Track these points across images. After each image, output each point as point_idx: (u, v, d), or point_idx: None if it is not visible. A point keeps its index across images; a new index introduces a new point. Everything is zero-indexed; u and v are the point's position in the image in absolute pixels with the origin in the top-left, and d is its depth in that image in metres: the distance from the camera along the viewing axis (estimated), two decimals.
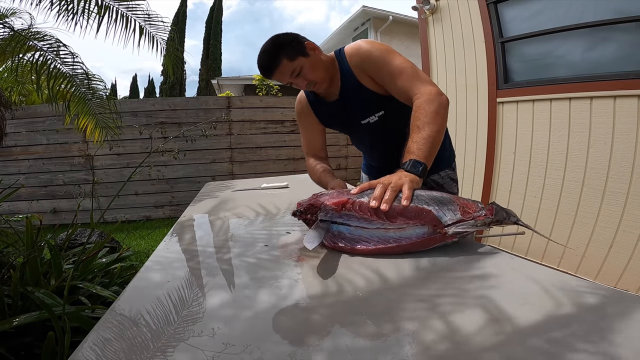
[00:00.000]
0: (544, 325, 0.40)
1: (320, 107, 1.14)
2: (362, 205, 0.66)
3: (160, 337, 0.40)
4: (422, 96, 0.86)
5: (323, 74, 0.99)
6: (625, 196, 1.79)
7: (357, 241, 0.64)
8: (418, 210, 0.64)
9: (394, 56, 0.94)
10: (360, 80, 0.99)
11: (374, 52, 0.94)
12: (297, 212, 0.72)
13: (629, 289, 1.77)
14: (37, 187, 4.09)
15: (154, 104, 4.28)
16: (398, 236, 0.63)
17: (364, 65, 0.96)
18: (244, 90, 10.02)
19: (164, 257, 0.68)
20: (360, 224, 0.65)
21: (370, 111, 1.04)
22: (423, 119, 0.82)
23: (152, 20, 2.20)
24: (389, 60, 0.93)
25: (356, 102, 1.04)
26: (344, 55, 1.01)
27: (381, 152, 1.18)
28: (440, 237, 0.62)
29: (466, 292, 0.49)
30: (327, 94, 1.08)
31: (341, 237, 0.66)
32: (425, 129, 0.81)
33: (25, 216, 1.54)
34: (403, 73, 0.91)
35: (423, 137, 0.80)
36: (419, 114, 0.83)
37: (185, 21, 19.15)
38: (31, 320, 0.95)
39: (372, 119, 1.05)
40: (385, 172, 1.10)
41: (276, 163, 4.66)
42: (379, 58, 0.94)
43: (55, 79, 2.01)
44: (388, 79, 0.94)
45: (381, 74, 0.95)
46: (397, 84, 0.92)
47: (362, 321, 0.42)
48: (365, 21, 9.66)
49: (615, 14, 1.83)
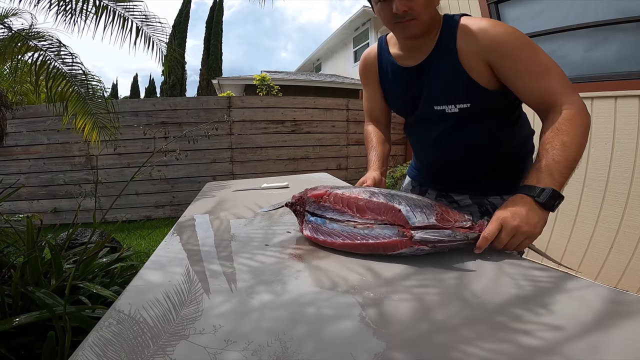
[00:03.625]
0: (543, 324, 0.40)
1: (388, 70, 0.93)
2: (336, 197, 0.69)
3: (161, 336, 0.40)
4: (574, 107, 0.69)
5: (427, 18, 0.78)
6: (625, 196, 1.79)
7: (329, 234, 0.65)
8: (388, 207, 0.63)
9: (537, 50, 0.75)
10: (463, 60, 0.78)
11: (511, 39, 0.74)
12: (289, 203, 0.76)
13: (630, 289, 1.77)
14: (38, 187, 4.10)
15: (154, 104, 4.28)
16: (366, 233, 0.62)
17: (488, 50, 0.75)
18: (245, 90, 10.03)
19: (165, 257, 0.68)
20: (334, 215, 0.67)
21: (453, 98, 0.82)
22: (573, 136, 0.66)
23: (149, 21, 2.20)
24: (531, 54, 0.74)
25: (440, 79, 0.82)
26: (456, 25, 0.80)
27: (438, 156, 0.94)
28: (406, 242, 0.58)
29: (456, 286, 0.49)
30: (405, 53, 0.88)
31: (318, 230, 0.67)
32: (573, 149, 0.65)
33: (26, 216, 1.54)
34: (549, 73, 0.73)
35: (568, 158, 0.65)
36: (570, 128, 0.67)
37: (187, 22, 19.19)
38: (32, 320, 0.95)
39: (449, 108, 0.83)
40: (432, 182, 1.04)
41: (277, 163, 4.66)
42: (517, 48, 0.74)
43: (54, 79, 2.01)
44: (524, 75, 0.74)
45: (513, 68, 0.75)
46: (539, 84, 0.73)
47: (362, 320, 0.42)
48: (365, 21, 9.67)
49: (616, 14, 1.83)
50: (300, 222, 0.74)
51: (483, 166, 0.89)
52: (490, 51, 0.75)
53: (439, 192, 1.01)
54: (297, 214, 0.75)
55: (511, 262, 0.59)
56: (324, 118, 4.79)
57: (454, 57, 0.79)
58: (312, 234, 0.68)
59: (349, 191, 0.70)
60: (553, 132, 0.68)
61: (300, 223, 0.73)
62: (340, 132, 4.89)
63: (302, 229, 0.71)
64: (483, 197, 0.92)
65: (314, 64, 15.16)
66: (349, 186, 0.78)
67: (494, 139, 0.86)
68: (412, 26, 0.77)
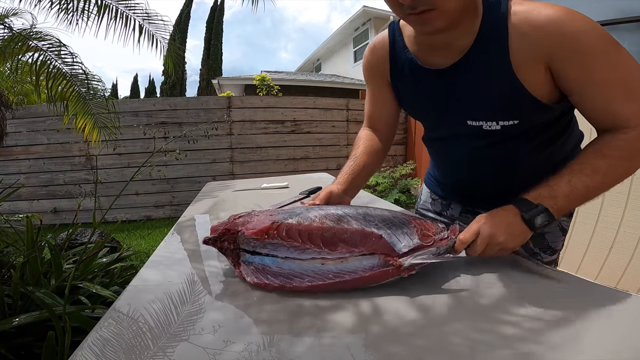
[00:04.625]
0: (542, 324, 0.40)
1: (404, 69, 0.71)
2: (290, 230, 0.51)
3: (161, 336, 0.40)
4: (629, 135, 0.54)
5: (453, 5, 0.54)
6: (625, 196, 1.79)
7: (286, 277, 0.50)
8: (364, 234, 0.51)
9: (620, 51, 0.55)
10: (516, 65, 0.57)
11: (585, 34, 0.53)
12: (208, 239, 0.56)
13: (630, 289, 1.76)
14: (38, 187, 4.10)
15: (154, 104, 4.28)
16: (339, 269, 0.49)
17: (553, 47, 0.54)
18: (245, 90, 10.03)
19: (165, 257, 0.68)
20: (291, 254, 0.51)
21: (496, 113, 0.63)
22: (612, 165, 0.55)
23: (151, 19, 2.21)
24: (610, 58, 0.54)
25: (479, 88, 0.62)
26: (505, 13, 0.57)
27: (466, 174, 0.76)
28: (394, 271, 0.49)
29: (454, 288, 0.49)
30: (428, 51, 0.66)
31: (267, 271, 0.51)
32: (601, 180, 0.55)
33: (26, 216, 1.54)
34: (632, 92, 0.54)
35: (588, 187, 0.54)
36: (616, 153, 0.54)
37: (188, 21, 19.19)
38: (31, 320, 0.95)
39: (489, 125, 0.64)
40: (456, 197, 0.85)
41: (276, 163, 4.66)
42: (595, 48, 0.53)
43: (55, 79, 2.01)
44: (594, 86, 0.55)
45: (583, 79, 0.55)
46: (611, 105, 0.55)
47: (362, 319, 0.42)
48: (366, 21, 9.67)
49: (616, 14, 1.83)
50: (234, 264, 0.55)
51: (519, 184, 0.66)
52: (559, 52, 0.54)
53: (464, 207, 0.85)
54: (227, 253, 0.55)
55: (510, 262, 0.59)
56: (324, 118, 4.79)
57: (504, 60, 0.58)
58: (259, 279, 0.50)
59: (305, 218, 0.53)
60: (594, 152, 0.56)
61: (235, 265, 0.54)
62: (340, 132, 4.89)
63: (240, 273, 0.53)
64: None
65: (314, 64, 15.16)
66: (302, 207, 0.61)
67: (538, 155, 0.69)
68: (430, 20, 0.55)
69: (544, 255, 0.77)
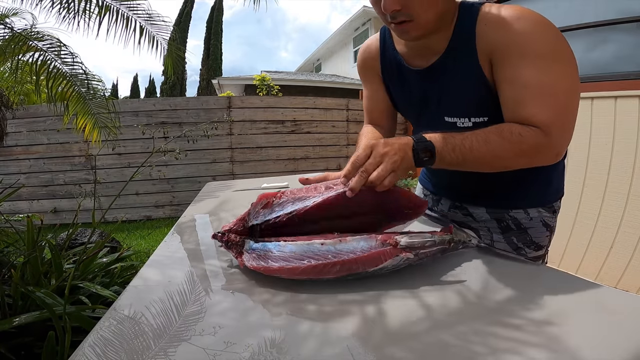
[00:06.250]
0: (542, 324, 0.40)
1: (393, 68, 0.78)
2: (292, 191, 0.59)
3: (161, 336, 0.40)
4: (537, 134, 0.57)
5: (432, 17, 0.60)
6: (626, 196, 1.79)
7: (286, 259, 0.52)
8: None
9: (560, 63, 0.56)
10: (482, 64, 0.62)
11: (528, 36, 0.56)
12: (218, 233, 0.60)
13: (630, 289, 1.77)
14: (38, 187, 4.10)
15: (154, 104, 4.28)
16: (338, 250, 0.52)
17: (495, 44, 0.59)
18: (245, 90, 10.03)
19: (165, 256, 0.68)
20: (295, 206, 0.57)
21: (468, 110, 0.68)
22: (502, 145, 0.57)
23: (153, 20, 2.21)
24: (543, 65, 0.56)
25: (453, 86, 0.68)
26: (475, 18, 0.61)
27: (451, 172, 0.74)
28: (390, 251, 0.51)
29: (454, 288, 0.49)
30: (413, 51, 0.72)
31: (268, 257, 0.54)
32: (487, 151, 0.58)
33: (26, 216, 1.54)
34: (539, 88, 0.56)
35: (472, 150, 0.58)
36: (511, 139, 0.57)
37: (188, 22, 19.20)
38: (32, 319, 0.95)
39: (462, 122, 0.69)
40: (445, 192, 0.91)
41: (277, 163, 4.66)
42: (530, 52, 0.56)
43: (55, 79, 2.01)
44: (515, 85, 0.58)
45: (512, 72, 0.58)
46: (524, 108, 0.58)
47: (363, 319, 0.42)
48: (366, 21, 9.67)
49: (616, 14, 1.83)
50: (237, 254, 0.58)
51: (500, 179, 0.72)
52: (497, 44, 0.58)
53: (452, 202, 0.89)
54: (232, 246, 0.59)
55: (510, 261, 0.59)
56: (324, 118, 4.79)
57: (472, 61, 0.62)
58: (259, 263, 0.53)
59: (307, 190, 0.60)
60: (497, 128, 0.59)
61: (237, 255, 0.58)
62: (340, 132, 4.89)
63: (241, 262, 0.56)
64: (503, 210, 0.79)
65: (314, 64, 15.17)
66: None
67: None
68: (408, 30, 0.61)
69: (528, 250, 0.79)
